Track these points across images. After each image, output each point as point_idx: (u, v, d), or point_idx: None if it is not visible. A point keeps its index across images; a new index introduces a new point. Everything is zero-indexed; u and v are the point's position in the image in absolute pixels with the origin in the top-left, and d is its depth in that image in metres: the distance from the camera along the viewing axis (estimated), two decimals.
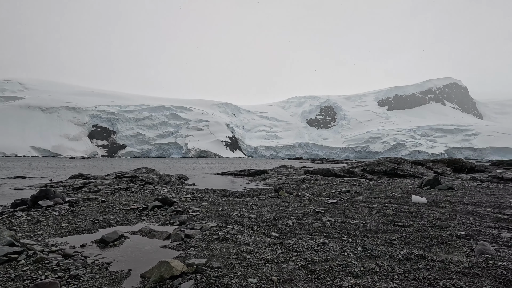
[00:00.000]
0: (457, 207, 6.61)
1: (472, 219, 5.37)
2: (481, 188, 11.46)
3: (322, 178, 15.78)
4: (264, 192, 10.50)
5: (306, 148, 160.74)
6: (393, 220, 5.32)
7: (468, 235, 4.27)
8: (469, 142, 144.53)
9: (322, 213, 6.06)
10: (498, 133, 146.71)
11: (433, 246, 3.87)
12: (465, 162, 18.77)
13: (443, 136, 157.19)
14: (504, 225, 4.92)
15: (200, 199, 8.61)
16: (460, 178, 15.84)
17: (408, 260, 3.31)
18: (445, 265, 3.14)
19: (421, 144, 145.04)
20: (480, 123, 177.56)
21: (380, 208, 6.44)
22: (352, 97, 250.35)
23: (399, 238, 4.20)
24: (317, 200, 8.09)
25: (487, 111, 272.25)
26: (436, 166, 17.86)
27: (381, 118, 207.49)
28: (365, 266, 3.09)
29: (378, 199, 8.03)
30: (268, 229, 4.84)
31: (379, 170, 17.19)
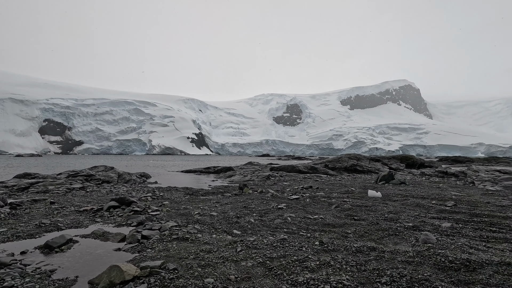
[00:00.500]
0: (407, 200, 7.14)
1: (419, 211, 5.83)
2: (429, 182, 12.51)
3: (287, 174, 16.11)
4: (228, 189, 10.43)
5: (273, 145, 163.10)
6: (350, 214, 5.58)
7: (414, 226, 4.62)
8: (420, 140, 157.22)
9: (284, 209, 6.16)
10: (445, 132, 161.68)
11: (384, 238, 4.12)
12: (416, 158, 20.37)
13: (399, 134, 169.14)
14: (445, 216, 5.40)
15: (162, 198, 8.30)
16: (411, 173, 17.16)
17: (361, 252, 3.49)
18: (393, 255, 3.35)
19: (379, 142, 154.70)
20: (430, 123, 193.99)
21: (338, 203, 6.72)
22: (317, 96, 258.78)
23: (354, 231, 4.41)
24: (280, 196, 8.22)
25: (436, 112, 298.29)
26: (391, 162, 19.15)
27: (343, 117, 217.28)
28: (321, 260, 3.19)
29: (338, 194, 8.39)
30: (230, 227, 4.80)
31: (340, 166, 17.99)
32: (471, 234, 4.20)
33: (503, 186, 10.27)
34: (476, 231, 4.41)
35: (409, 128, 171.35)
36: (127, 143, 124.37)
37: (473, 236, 4.12)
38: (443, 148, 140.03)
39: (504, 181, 10.99)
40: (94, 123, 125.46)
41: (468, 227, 4.61)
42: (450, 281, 2.70)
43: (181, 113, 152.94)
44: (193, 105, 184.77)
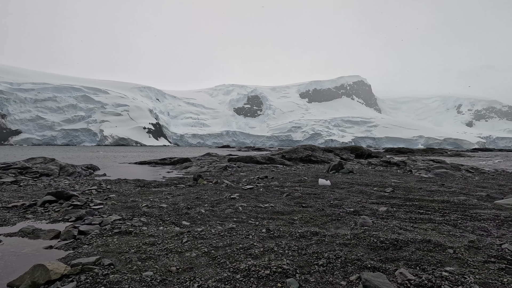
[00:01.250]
0: (353, 188, 7.65)
1: (361, 197, 6.29)
2: (374, 171, 13.56)
3: (245, 165, 16.23)
4: (183, 180, 10.17)
5: (233, 136, 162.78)
6: (299, 202, 5.80)
7: (355, 211, 4.96)
8: (370, 132, 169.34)
9: (236, 199, 6.19)
10: (392, 125, 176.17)
11: (327, 223, 4.36)
12: (364, 149, 21.90)
13: (352, 127, 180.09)
14: (383, 201, 5.90)
15: (109, 191, 7.79)
16: (360, 163, 18.42)
17: (304, 237, 3.64)
18: (333, 239, 3.56)
19: (334, 134, 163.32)
20: (379, 117, 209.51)
21: (290, 192, 6.95)
22: (277, 88, 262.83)
23: (300, 218, 4.60)
24: (235, 186, 8.24)
25: (384, 106, 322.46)
26: (343, 153, 20.34)
27: (302, 109, 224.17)
28: (265, 246, 3.26)
29: (291, 183, 8.67)
30: (179, 218, 4.68)
31: (296, 157, 18.62)
32: (402, 217, 4.65)
33: (435, 173, 11.54)
34: (407, 213, 4.89)
35: (361, 121, 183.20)
36: (74, 133, 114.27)
37: (404, 218, 4.55)
38: (390, 140, 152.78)
39: (435, 169, 12.35)
40: (34, 110, 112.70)
41: (401, 211, 5.09)
42: (379, 259, 2.94)
43: (136, 102, 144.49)
44: (150, 94, 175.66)
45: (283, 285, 2.44)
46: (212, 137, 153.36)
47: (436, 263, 2.81)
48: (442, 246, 3.27)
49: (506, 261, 2.88)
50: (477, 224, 4.22)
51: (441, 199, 6.04)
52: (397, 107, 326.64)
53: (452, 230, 3.91)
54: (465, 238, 3.58)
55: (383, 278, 2.41)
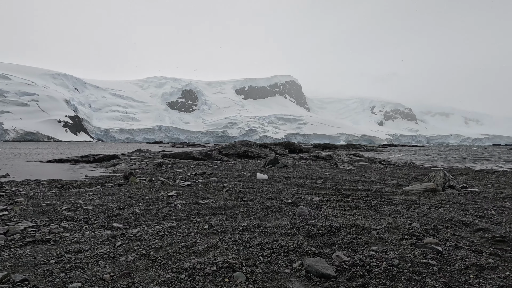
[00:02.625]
0: (289, 181, 8.06)
1: (297, 189, 6.68)
2: (306, 164, 14.57)
3: (180, 161, 15.60)
4: (111, 179, 9.22)
5: (167, 132, 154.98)
6: (239, 196, 5.84)
7: (293, 202, 5.24)
8: (301, 129, 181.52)
9: (174, 197, 5.90)
10: (319, 123, 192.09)
11: (268, 215, 4.50)
12: (297, 145, 23.36)
13: (284, 124, 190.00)
14: (316, 192, 6.38)
15: (15, 194, 6.54)
16: (293, 157, 19.58)
17: (247, 230, 3.68)
18: (275, 229, 3.69)
19: (268, 130, 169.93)
20: (308, 115, 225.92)
21: (230, 187, 6.95)
22: (213, 83, 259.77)
23: (242, 212, 4.63)
24: (171, 184, 7.84)
25: (312, 106, 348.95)
26: (277, 148, 21.31)
27: (238, 106, 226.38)
28: (209, 243, 3.18)
29: (230, 179, 8.68)
30: (110, 220, 4.22)
31: (233, 153, 18.74)
32: (333, 205, 5.09)
33: (356, 166, 13.00)
34: (337, 202, 5.38)
35: (292, 119, 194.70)
36: None
37: (334, 207, 5.00)
38: (317, 137, 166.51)
39: (356, 162, 13.93)
40: None
41: (332, 200, 5.58)
42: (317, 245, 3.16)
43: (48, 91, 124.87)
44: (67, 82, 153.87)
45: (230, 279, 2.41)
46: (142, 132, 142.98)
47: (364, 244, 3.16)
48: (367, 229, 3.69)
49: (415, 237, 3.42)
50: (392, 208, 4.91)
51: (363, 188, 6.85)
52: (323, 106, 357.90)
53: (374, 214, 4.46)
54: (384, 220, 4.12)
55: (323, 262, 2.59)
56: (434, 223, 4.01)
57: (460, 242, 3.32)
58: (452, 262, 2.74)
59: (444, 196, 5.94)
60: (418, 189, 6.48)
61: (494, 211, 4.67)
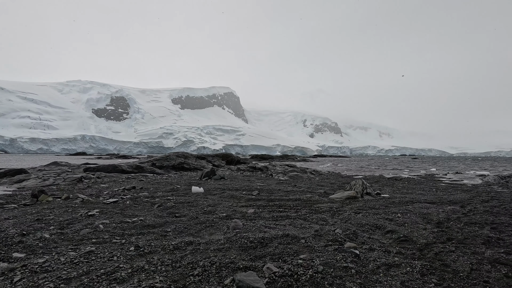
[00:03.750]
0: (225, 193, 8.01)
1: (232, 202, 6.67)
2: (243, 176, 14.74)
3: (107, 175, 14.13)
4: (15, 199, 7.78)
5: (92, 142, 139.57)
6: (172, 212, 5.55)
7: (227, 215, 5.21)
8: (239, 140, 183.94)
9: (96, 216, 5.27)
10: (256, 134, 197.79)
11: (202, 231, 4.37)
12: (234, 156, 23.52)
13: (222, 135, 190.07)
14: (251, 203, 6.49)
15: None
16: (230, 169, 19.62)
17: (178, 249, 3.50)
18: (208, 245, 3.59)
19: (206, 141, 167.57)
20: (246, 126, 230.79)
21: (162, 202, 6.56)
22: (147, 91, 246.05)
23: (174, 228, 4.40)
24: (94, 201, 7.01)
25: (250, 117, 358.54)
26: (214, 160, 21.10)
27: (174, 115, 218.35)
28: (135, 266, 2.92)
29: (163, 193, 8.20)
30: (8, 250, 3.52)
31: (168, 165, 17.85)
32: (267, 216, 5.24)
33: (289, 176, 13.70)
34: (270, 213, 5.55)
35: (230, 130, 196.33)
36: None
37: (268, 218, 5.15)
38: (255, 148, 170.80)
39: (290, 172, 14.69)
40: None
41: (266, 211, 5.73)
42: (249, 258, 3.18)
43: None
44: None
45: None
46: (61, 143, 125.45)
47: (293, 253, 3.31)
48: (297, 238, 3.89)
49: (338, 242, 3.73)
50: (319, 216, 5.29)
51: (295, 198, 7.24)
52: (260, 118, 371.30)
53: (303, 223, 4.74)
54: (312, 228, 4.40)
55: (253, 276, 2.62)
56: (354, 228, 4.46)
57: (373, 244, 3.75)
58: (367, 264, 3.06)
59: (362, 203, 6.68)
60: (342, 197, 7.15)
61: (400, 214, 5.44)
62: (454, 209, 5.87)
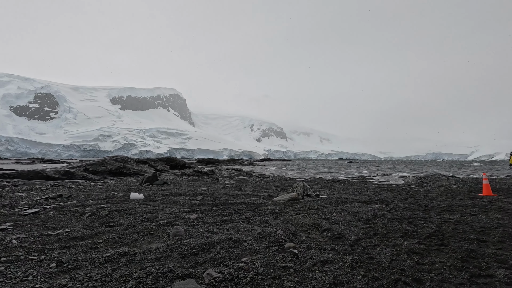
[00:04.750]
0: (167, 199, 7.65)
1: (175, 208, 6.40)
2: (187, 180, 14.29)
3: (26, 182, 12.30)
4: None
5: (9, 144, 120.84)
6: (105, 221, 5.07)
7: (168, 222, 4.97)
8: (185, 144, 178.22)
9: (8, 230, 4.53)
10: (203, 138, 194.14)
11: (139, 240, 4.08)
12: (179, 160, 22.69)
13: (167, 138, 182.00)
14: (195, 209, 6.31)
15: None
16: (174, 173, 18.84)
17: (110, 261, 3.20)
18: (145, 255, 3.36)
19: (149, 144, 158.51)
20: (192, 130, 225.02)
21: (94, 211, 5.95)
22: (81, 88, 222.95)
23: (106, 239, 4.02)
24: (7, 213, 6.02)
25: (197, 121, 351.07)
26: (157, 164, 20.05)
27: (113, 116, 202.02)
28: (55, 285, 2.57)
29: (96, 201, 7.46)
30: None
31: (104, 170, 16.36)
32: (210, 221, 5.15)
33: (235, 180, 13.73)
34: (214, 217, 5.47)
35: (176, 133, 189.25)
36: None
37: (211, 223, 5.06)
38: (202, 152, 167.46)
39: (236, 176, 14.73)
40: None
41: (209, 215, 5.63)
42: (189, 265, 3.07)
43: None
44: None
45: None
46: None
47: (235, 257, 3.30)
48: (239, 241, 3.90)
49: (279, 243, 3.85)
50: (263, 218, 5.40)
51: (239, 201, 7.27)
52: (207, 122, 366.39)
53: (247, 226, 4.77)
54: (255, 231, 4.46)
55: (193, 284, 2.53)
56: (294, 228, 4.65)
57: (311, 243, 3.96)
58: (304, 262, 3.22)
59: (303, 204, 7.03)
60: (284, 199, 7.42)
61: (335, 213, 5.86)
62: (381, 207, 6.56)
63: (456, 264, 3.09)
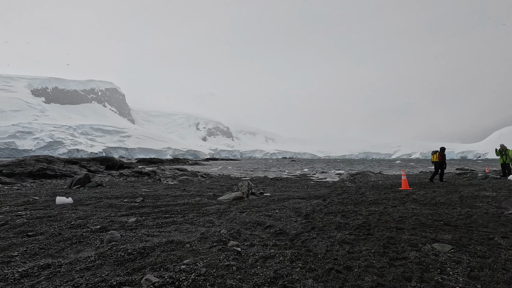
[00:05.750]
0: (101, 202, 7.00)
1: (110, 212, 5.90)
2: (126, 182, 13.30)
3: None
4: None
5: None
6: (23, 231, 4.41)
7: (102, 227, 4.56)
8: (123, 142, 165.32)
9: None
10: (145, 136, 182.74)
11: (66, 249, 3.65)
12: (116, 160, 20.95)
13: (103, 136, 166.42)
14: (134, 212, 5.91)
15: None
16: (111, 174, 17.34)
17: (28, 276, 2.80)
18: (72, 266, 3.03)
19: (81, 143, 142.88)
20: (132, 127, 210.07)
21: (8, 219, 5.13)
22: None
23: (24, 251, 3.51)
24: None
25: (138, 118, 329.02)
26: (90, 165, 18.20)
27: (35, 110, 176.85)
28: None
29: (10, 208, 6.43)
30: None
31: (23, 171, 14.19)
32: (150, 224, 4.88)
33: (179, 180, 13.27)
34: (155, 220, 5.21)
35: (113, 131, 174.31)
36: None
37: (152, 225, 4.80)
38: (143, 151, 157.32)
39: (180, 176, 14.24)
40: None
41: (150, 218, 5.33)
42: (126, 272, 2.87)
43: None
44: None
45: None
46: None
47: (176, 260, 3.20)
48: (182, 243, 3.79)
49: (222, 242, 3.85)
50: (207, 218, 5.33)
51: (183, 202, 7.05)
52: (149, 119, 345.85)
53: (190, 227, 4.66)
54: (198, 231, 4.38)
55: None
56: (238, 227, 4.70)
57: (254, 240, 4.06)
58: (247, 259, 3.28)
59: (247, 202, 7.15)
60: (229, 198, 7.44)
61: (278, 210, 6.11)
62: (318, 202, 7.05)
63: (379, 250, 3.50)
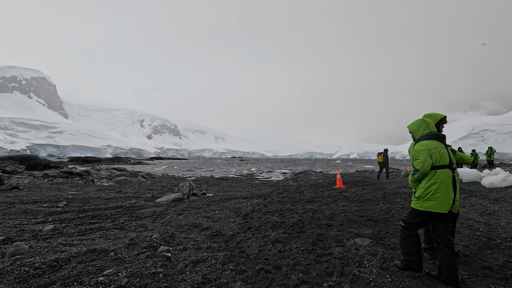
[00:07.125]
0: (13, 208, 6.06)
1: (23, 219, 5.13)
2: (51, 183, 11.81)
3: None
4: None
5: None
6: None
7: (7, 238, 3.92)
8: (53, 139, 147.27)
9: None
10: (80, 133, 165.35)
11: None
12: (40, 159, 18.48)
13: (27, 131, 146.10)
14: (53, 218, 5.24)
15: None
16: (33, 175, 15.22)
17: None
18: None
19: None
20: (65, 122, 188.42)
21: None
22: None
23: None
24: None
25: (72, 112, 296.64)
26: (6, 164, 15.73)
27: None
28: None
29: None
30: None
31: None
32: (71, 231, 4.36)
33: (115, 181, 12.26)
34: (78, 226, 4.68)
35: (40, 126, 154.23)
36: None
37: (72, 233, 4.30)
38: (77, 149, 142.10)
39: (117, 177, 13.17)
40: None
41: (72, 225, 4.78)
42: None
43: None
44: None
45: None
46: None
47: (95, 271, 2.89)
48: (105, 251, 3.45)
49: (152, 248, 3.62)
50: (139, 222, 4.98)
51: (115, 205, 6.50)
52: (86, 114, 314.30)
53: (118, 233, 4.29)
54: (127, 237, 4.06)
55: None
56: (173, 230, 4.49)
57: (188, 243, 3.91)
58: (177, 265, 3.13)
59: (187, 203, 6.92)
60: (168, 200, 7.11)
61: (218, 211, 6.02)
62: (259, 202, 7.17)
63: (308, 247, 3.67)
